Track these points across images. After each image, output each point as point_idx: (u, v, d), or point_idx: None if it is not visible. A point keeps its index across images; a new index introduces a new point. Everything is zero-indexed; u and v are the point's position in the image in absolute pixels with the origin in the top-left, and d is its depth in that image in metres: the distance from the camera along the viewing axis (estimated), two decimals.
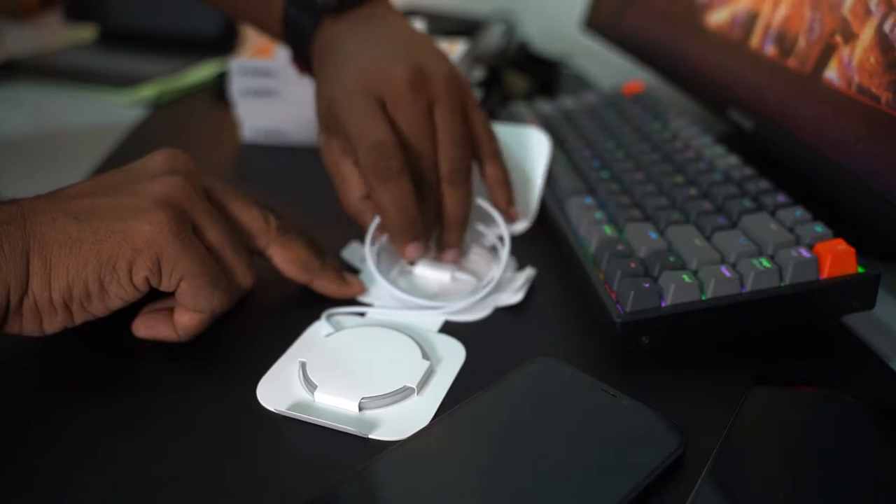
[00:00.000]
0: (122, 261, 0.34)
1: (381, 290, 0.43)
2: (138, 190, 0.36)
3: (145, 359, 0.38)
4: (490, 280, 0.43)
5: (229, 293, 0.38)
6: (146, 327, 0.38)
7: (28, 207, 0.34)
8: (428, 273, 0.45)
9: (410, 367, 0.36)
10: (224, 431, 0.33)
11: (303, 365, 0.36)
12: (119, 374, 0.37)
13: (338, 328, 0.40)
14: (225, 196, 0.40)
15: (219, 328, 0.40)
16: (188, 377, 0.37)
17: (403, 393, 0.35)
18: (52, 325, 0.35)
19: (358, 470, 0.30)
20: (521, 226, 0.49)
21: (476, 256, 0.47)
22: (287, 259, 0.41)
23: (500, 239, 0.46)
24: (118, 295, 0.35)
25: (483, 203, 0.46)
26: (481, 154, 0.47)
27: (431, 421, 0.33)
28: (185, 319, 0.37)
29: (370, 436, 0.33)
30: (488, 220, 0.48)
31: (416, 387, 0.35)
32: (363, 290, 0.43)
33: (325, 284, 0.42)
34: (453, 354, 0.38)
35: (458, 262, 0.46)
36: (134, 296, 0.35)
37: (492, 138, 0.48)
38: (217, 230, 0.37)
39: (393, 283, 0.43)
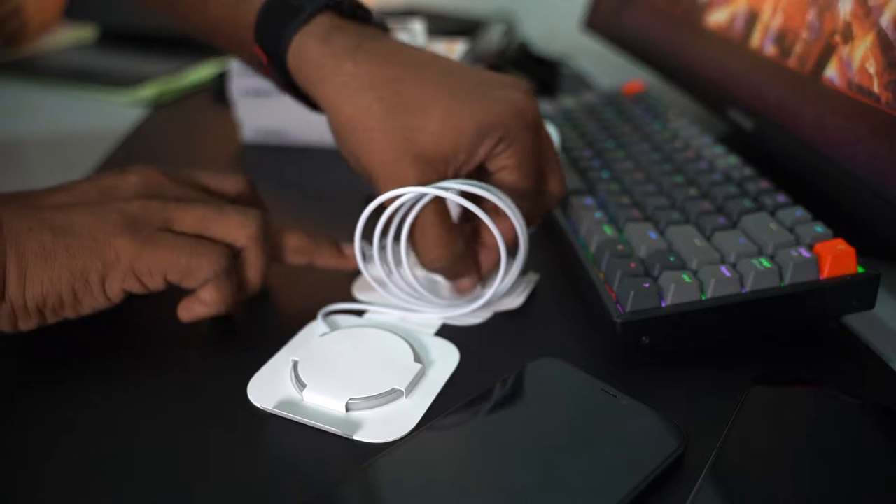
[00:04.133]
0: (94, 275, 0.36)
1: (381, 287, 0.43)
2: (110, 209, 0.37)
3: (147, 353, 0.39)
4: (493, 289, 0.41)
5: (219, 251, 0.38)
6: (187, 312, 0.39)
7: (4, 213, 0.35)
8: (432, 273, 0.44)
9: (401, 370, 0.36)
10: (212, 428, 0.33)
11: (295, 364, 0.36)
12: (123, 364, 0.38)
13: (333, 328, 0.40)
14: (198, 221, 0.38)
15: (216, 325, 0.40)
16: (183, 374, 0.37)
17: (391, 395, 0.35)
18: (28, 325, 0.36)
19: (359, 468, 0.30)
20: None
21: None
22: (276, 254, 0.42)
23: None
24: (90, 304, 0.37)
25: (503, 205, 0.40)
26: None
27: (432, 420, 0.33)
28: (206, 295, 0.39)
29: (353, 437, 0.32)
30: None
31: (405, 389, 0.35)
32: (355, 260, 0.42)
33: (325, 259, 0.44)
34: (447, 358, 0.38)
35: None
36: (106, 305, 0.37)
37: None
38: (190, 214, 0.38)
39: (396, 280, 0.42)
